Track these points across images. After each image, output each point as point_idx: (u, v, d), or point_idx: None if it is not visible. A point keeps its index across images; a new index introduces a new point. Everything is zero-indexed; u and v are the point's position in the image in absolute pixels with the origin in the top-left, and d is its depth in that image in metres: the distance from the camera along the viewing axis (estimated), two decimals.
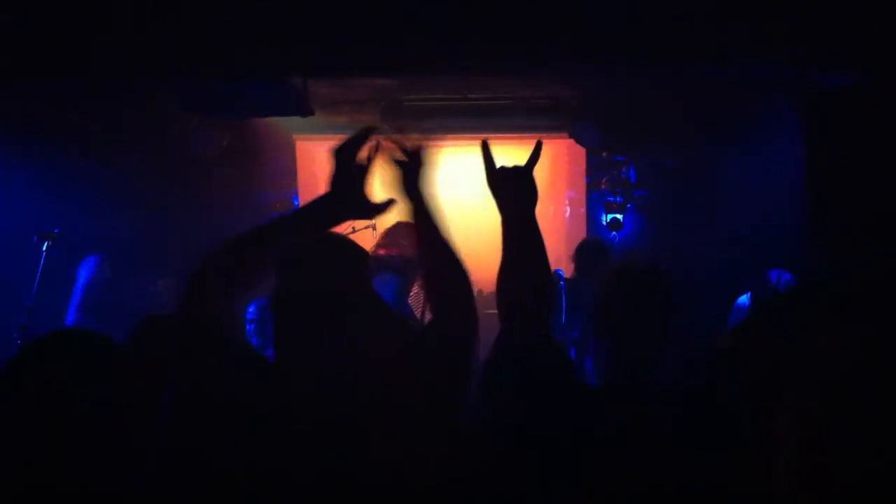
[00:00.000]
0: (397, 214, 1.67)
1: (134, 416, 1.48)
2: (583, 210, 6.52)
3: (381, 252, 4.31)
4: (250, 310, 4.02)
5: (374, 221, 4.44)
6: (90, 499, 1.37)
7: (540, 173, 1.83)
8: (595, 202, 6.40)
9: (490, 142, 1.83)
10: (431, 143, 1.68)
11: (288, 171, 6.14)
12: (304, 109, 4.14)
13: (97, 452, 1.40)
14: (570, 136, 5.43)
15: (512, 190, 1.79)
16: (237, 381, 1.44)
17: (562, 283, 4.36)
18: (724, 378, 1.54)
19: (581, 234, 6.26)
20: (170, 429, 1.54)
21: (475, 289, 1.66)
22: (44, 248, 4.56)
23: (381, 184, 1.65)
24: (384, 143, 1.64)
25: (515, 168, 1.82)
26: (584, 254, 4.75)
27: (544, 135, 3.64)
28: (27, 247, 4.60)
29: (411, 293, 3.80)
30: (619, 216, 6.07)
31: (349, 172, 1.60)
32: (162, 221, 5.41)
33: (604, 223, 6.12)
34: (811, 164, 3.82)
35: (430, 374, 1.51)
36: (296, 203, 6.16)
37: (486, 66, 4.27)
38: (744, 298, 4.37)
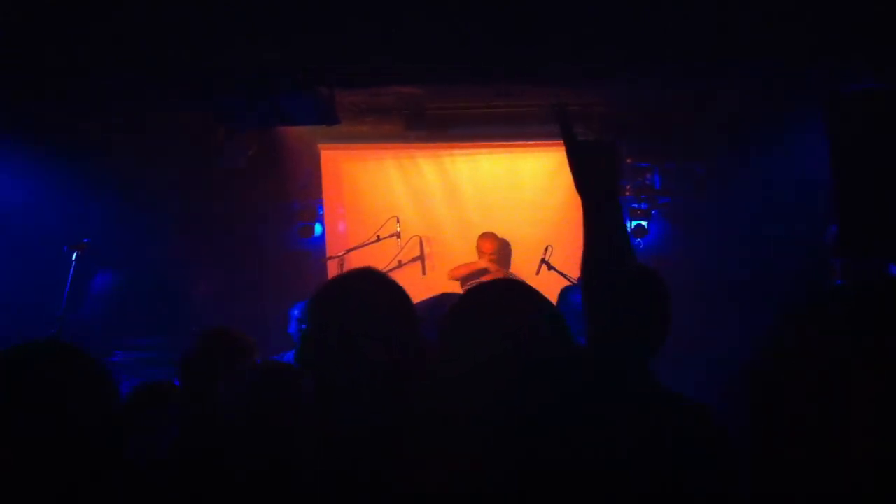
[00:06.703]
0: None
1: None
2: None
3: None
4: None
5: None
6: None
7: (564, 180, 1.75)
8: None
9: (517, 147, 1.75)
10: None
11: (313, 179, 6.15)
12: (331, 118, 4.15)
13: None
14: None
15: (593, 165, 1.65)
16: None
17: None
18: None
19: None
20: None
21: None
22: (73, 259, 4.61)
23: None
24: None
25: (598, 141, 1.71)
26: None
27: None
28: (57, 257, 4.65)
29: None
30: (644, 223, 6.04)
31: None
32: (191, 232, 5.46)
33: (628, 230, 6.09)
34: (838, 169, 3.76)
35: None
36: (320, 212, 6.17)
37: (507, 72, 4.28)
38: None
